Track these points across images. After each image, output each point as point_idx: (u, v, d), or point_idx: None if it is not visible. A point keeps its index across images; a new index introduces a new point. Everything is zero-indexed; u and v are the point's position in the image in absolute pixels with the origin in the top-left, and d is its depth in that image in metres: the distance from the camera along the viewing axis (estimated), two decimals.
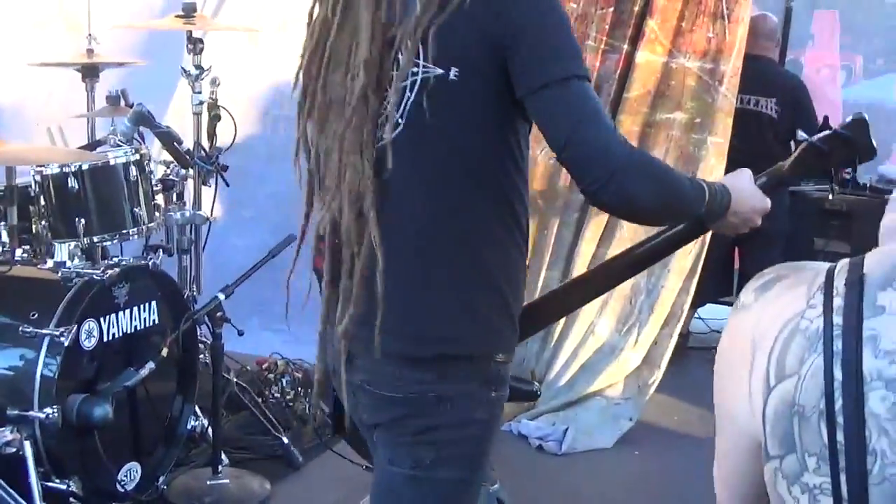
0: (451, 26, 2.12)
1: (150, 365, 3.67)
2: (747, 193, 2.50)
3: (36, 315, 3.58)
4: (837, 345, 1.52)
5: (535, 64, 2.13)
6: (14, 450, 3.43)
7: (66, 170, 4.05)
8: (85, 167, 4.08)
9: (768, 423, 1.60)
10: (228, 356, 4.25)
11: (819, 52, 8.60)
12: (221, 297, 3.89)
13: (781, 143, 6.53)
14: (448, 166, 2.23)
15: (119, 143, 4.27)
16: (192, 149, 4.52)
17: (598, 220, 6.08)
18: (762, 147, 6.23)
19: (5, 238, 3.99)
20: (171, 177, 4.53)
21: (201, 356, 4.31)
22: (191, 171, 4.56)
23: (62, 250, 4.00)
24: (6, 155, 3.79)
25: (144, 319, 3.89)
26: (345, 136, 2.24)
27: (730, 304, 7.57)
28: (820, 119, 3.08)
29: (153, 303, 3.94)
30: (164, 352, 3.75)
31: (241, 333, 4.01)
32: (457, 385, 2.34)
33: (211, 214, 4.64)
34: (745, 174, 2.57)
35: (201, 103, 4.61)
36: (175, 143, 4.35)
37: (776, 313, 1.62)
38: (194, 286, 4.67)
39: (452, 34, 2.13)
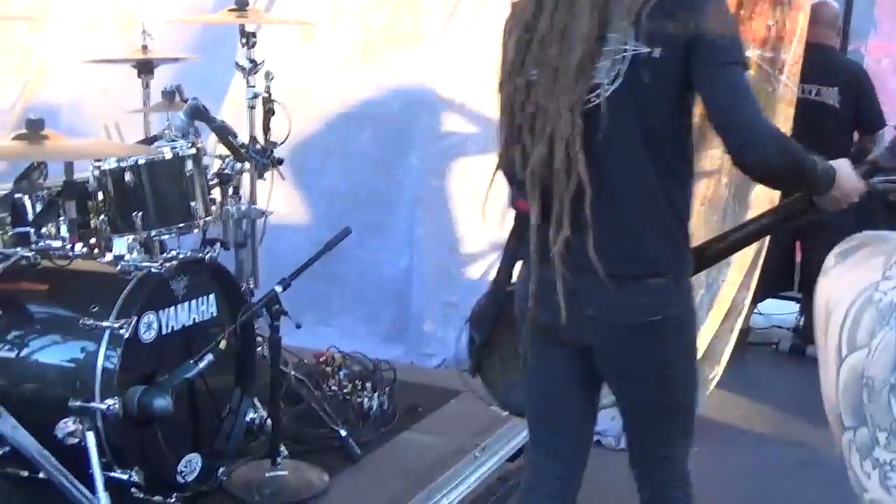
0: (657, 11, 2.69)
1: (209, 357, 3.68)
2: (846, 173, 2.94)
3: (96, 308, 3.60)
4: None
5: (714, 48, 2.72)
6: (77, 440, 3.47)
7: (123, 164, 4.09)
8: (142, 162, 4.12)
9: (841, 392, 1.58)
10: (285, 349, 4.26)
11: (881, 42, 8.52)
12: (278, 289, 3.90)
13: (844, 132, 6.48)
14: (645, 124, 2.80)
15: (175, 137, 4.30)
16: (247, 143, 4.54)
17: None
18: (824, 137, 6.16)
19: (65, 232, 4.04)
20: (226, 171, 4.57)
21: (259, 349, 4.32)
22: (246, 165, 4.58)
23: (121, 244, 4.04)
24: (64, 150, 3.82)
25: (203, 312, 3.91)
26: (560, 97, 2.80)
27: (790, 298, 7.53)
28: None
29: (211, 296, 3.96)
30: (223, 344, 3.76)
31: (298, 326, 4.02)
32: (670, 307, 2.91)
33: (267, 208, 4.65)
34: (844, 160, 2.98)
35: (255, 97, 4.63)
36: (230, 137, 4.37)
37: (852, 281, 1.61)
38: (251, 279, 4.69)
39: (657, 18, 2.70)
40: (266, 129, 4.59)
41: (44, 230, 4.04)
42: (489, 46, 6.36)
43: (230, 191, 4.59)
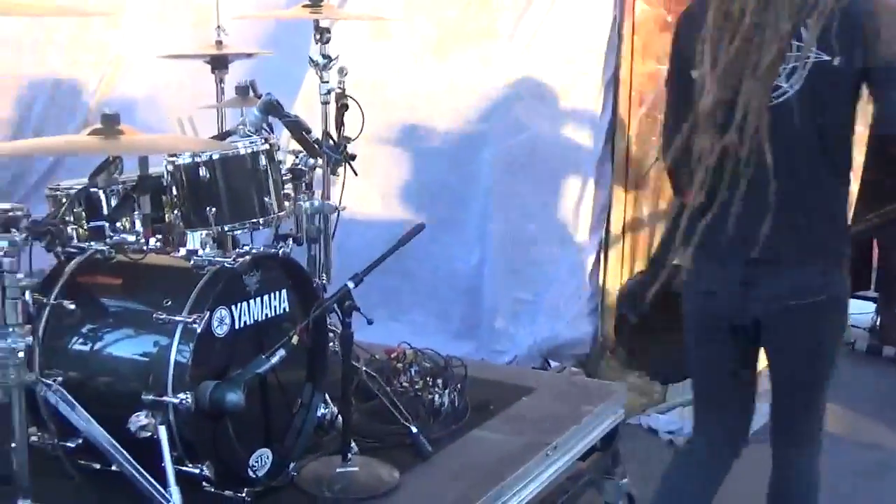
0: (840, 23, 3.05)
1: (281, 353, 3.68)
2: None
3: (169, 302, 3.61)
4: None
5: (889, 55, 3.08)
6: (149, 434, 3.48)
7: (197, 159, 4.11)
8: (216, 157, 4.14)
9: None
10: (357, 345, 4.25)
11: None
12: (351, 285, 3.89)
13: None
14: (820, 126, 3.18)
15: (248, 132, 4.31)
16: (320, 138, 4.54)
17: None
18: None
19: (139, 227, 4.05)
20: (299, 166, 4.57)
21: (331, 344, 4.32)
22: (319, 161, 4.58)
23: (194, 239, 4.05)
24: (139, 145, 3.83)
25: (275, 307, 3.91)
26: (750, 92, 3.15)
27: (867, 298, 7.44)
28: None
29: (283, 291, 3.96)
30: (295, 340, 3.76)
31: (370, 322, 4.00)
32: (833, 288, 3.37)
33: (339, 203, 4.65)
34: None
35: (329, 92, 4.62)
36: (304, 133, 4.38)
37: None
38: (324, 275, 4.69)
39: (841, 30, 3.05)
40: (339, 124, 4.59)
41: (118, 224, 4.05)
42: (562, 42, 6.41)
43: (303, 186, 4.59)
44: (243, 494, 3.67)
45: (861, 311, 7.64)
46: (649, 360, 4.07)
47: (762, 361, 3.71)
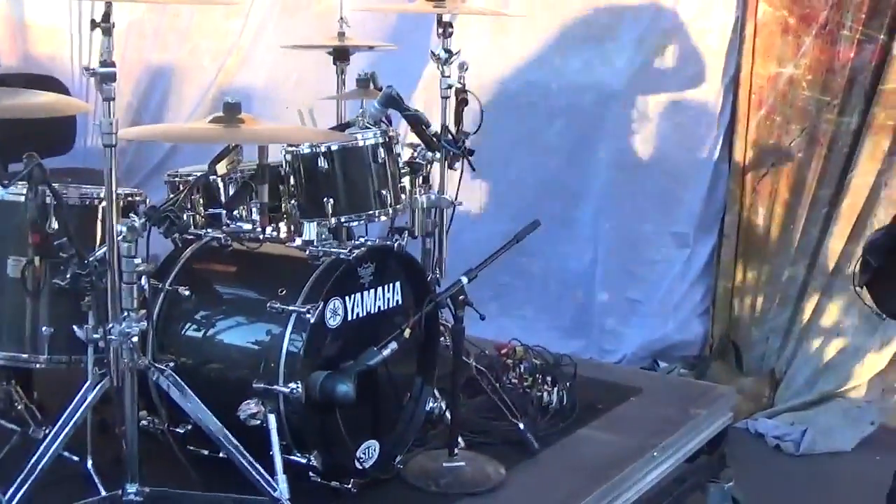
0: None
1: (393, 345, 3.69)
2: None
3: (284, 291, 3.63)
4: None
5: None
6: (258, 422, 3.51)
7: (315, 150, 4.13)
8: (334, 148, 4.15)
9: None
10: (467, 340, 4.26)
11: None
12: (465, 280, 3.89)
13: None
14: None
15: (367, 125, 4.32)
16: (439, 132, 4.54)
17: (847, 217, 5.92)
18: None
19: (256, 216, 4.08)
20: (417, 160, 4.57)
21: (441, 338, 4.32)
22: (437, 155, 4.58)
23: (310, 229, 4.07)
24: (258, 134, 3.87)
25: (388, 300, 3.93)
26: None
27: None
28: None
29: (397, 284, 3.96)
30: (407, 333, 3.77)
31: (483, 318, 4.00)
32: None
33: (456, 198, 4.65)
34: None
35: (450, 87, 4.62)
36: (423, 127, 4.38)
37: None
38: (437, 269, 4.69)
39: None
40: (458, 119, 4.58)
41: (235, 213, 4.08)
42: (684, 43, 6.36)
43: (420, 180, 4.59)
44: (350, 486, 3.69)
45: None
46: (885, 299, 4.28)
47: None
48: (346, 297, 3.73)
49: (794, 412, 6.01)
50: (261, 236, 4.02)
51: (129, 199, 3.90)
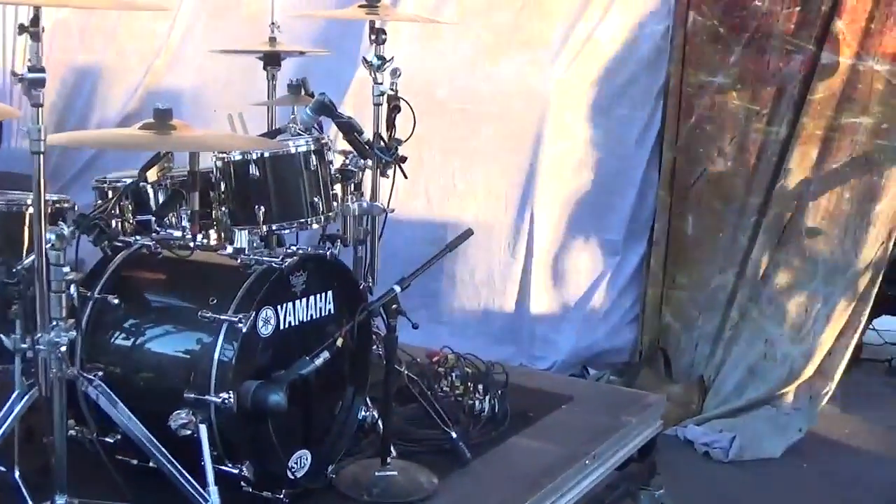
0: None
1: (325, 355, 3.67)
2: None
3: (215, 300, 3.60)
4: None
5: None
6: (189, 432, 3.47)
7: (247, 157, 4.09)
8: (266, 155, 4.12)
9: None
10: (399, 348, 4.23)
11: None
12: (397, 289, 3.88)
13: None
14: None
15: (299, 131, 4.30)
16: (371, 139, 4.52)
17: (775, 225, 5.97)
18: None
19: (186, 223, 4.04)
20: (349, 167, 4.54)
21: (374, 347, 4.30)
22: (369, 162, 4.56)
23: (241, 237, 4.03)
24: (190, 141, 3.82)
25: (320, 309, 3.89)
26: None
27: None
28: None
29: (329, 293, 3.93)
30: (339, 342, 3.75)
31: (416, 327, 3.99)
32: None
33: (388, 205, 4.63)
34: None
35: (382, 94, 4.60)
36: (356, 134, 4.36)
37: None
38: (369, 277, 4.67)
39: None
40: (390, 126, 4.56)
41: (165, 220, 4.04)
42: (614, 50, 6.39)
43: (352, 187, 4.57)
44: (282, 496, 3.66)
45: None
46: None
47: None
48: (279, 306, 3.70)
49: (722, 419, 6.04)
50: (191, 244, 3.98)
51: (58, 206, 3.84)
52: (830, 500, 5.24)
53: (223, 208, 4.15)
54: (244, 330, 3.50)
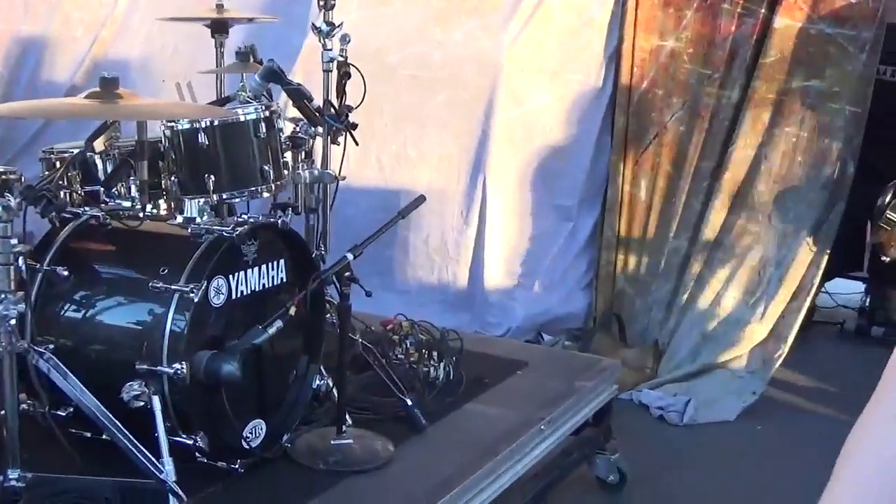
0: None
1: (278, 323, 3.64)
2: None
3: (166, 270, 3.56)
4: None
5: None
6: (142, 404, 3.44)
7: (196, 126, 4.05)
8: (215, 123, 4.08)
9: None
10: (353, 316, 4.22)
11: None
12: (350, 257, 3.85)
13: None
14: None
15: (248, 99, 4.26)
16: (321, 106, 4.49)
17: (728, 189, 5.98)
18: (885, 117, 6.02)
19: (135, 193, 4.00)
20: (299, 134, 4.51)
21: (327, 315, 4.28)
22: (320, 130, 4.53)
23: (191, 206, 3.99)
24: (137, 110, 3.77)
25: (273, 277, 3.86)
26: None
27: (858, 278, 7.44)
28: None
29: (281, 261, 3.90)
30: (292, 311, 3.72)
31: (369, 294, 3.97)
32: None
33: (339, 173, 4.60)
34: None
35: (331, 61, 4.56)
36: (305, 101, 4.32)
37: None
38: (322, 245, 4.64)
39: None
40: (341, 93, 4.53)
41: (114, 190, 4.00)
42: (565, 15, 6.37)
43: (302, 155, 4.54)
44: (237, 466, 3.64)
45: (851, 291, 7.66)
46: None
47: None
48: (230, 276, 3.67)
49: (677, 383, 6.06)
50: (141, 214, 3.94)
51: (4, 177, 3.77)
52: (785, 461, 5.26)
53: (172, 178, 4.12)
54: (196, 300, 3.47)
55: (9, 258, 3.29)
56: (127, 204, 3.97)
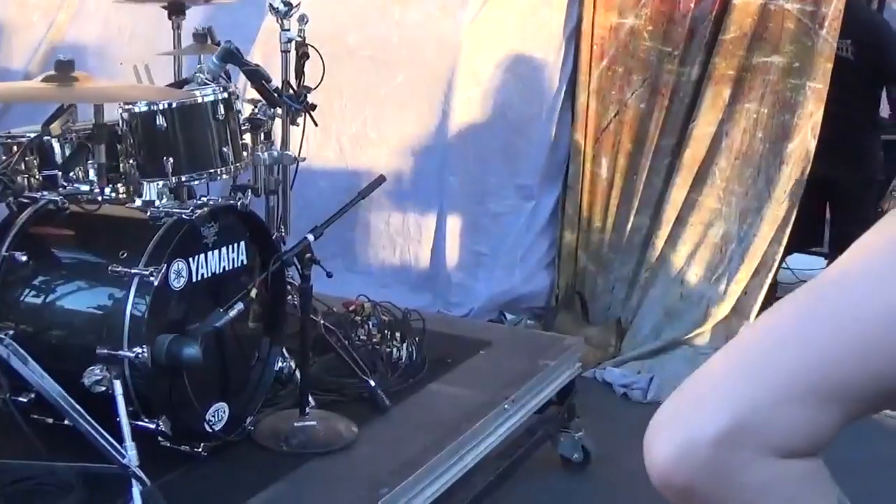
0: None
1: (239, 306, 3.63)
2: None
3: (125, 254, 3.54)
4: None
5: None
6: (104, 388, 3.42)
7: (153, 108, 4.02)
8: (173, 105, 4.05)
9: None
10: (314, 297, 4.20)
11: None
12: (311, 238, 3.84)
13: (864, 88, 6.39)
14: None
15: (206, 81, 4.23)
16: (280, 87, 4.46)
17: (689, 166, 5.99)
18: (843, 93, 6.02)
19: (93, 176, 3.97)
20: (258, 116, 4.49)
21: (289, 297, 4.27)
22: (279, 111, 4.51)
23: (150, 189, 3.98)
24: (94, 93, 3.75)
25: (233, 260, 3.85)
26: None
27: (819, 254, 7.47)
28: None
29: (242, 243, 3.89)
30: (253, 293, 3.71)
31: (330, 275, 3.96)
32: None
33: (299, 154, 4.58)
34: None
35: (290, 41, 4.54)
36: (264, 82, 4.30)
37: None
38: (282, 227, 4.63)
39: None
40: (299, 73, 4.51)
41: (72, 174, 3.97)
42: None
43: (261, 136, 4.52)
44: (200, 449, 3.63)
45: (812, 267, 7.68)
46: None
47: None
48: (190, 258, 3.64)
49: (640, 360, 6.07)
50: (99, 198, 3.91)
51: None
52: None
53: (131, 161, 4.09)
54: (156, 283, 3.44)
55: None
56: (85, 188, 3.94)
